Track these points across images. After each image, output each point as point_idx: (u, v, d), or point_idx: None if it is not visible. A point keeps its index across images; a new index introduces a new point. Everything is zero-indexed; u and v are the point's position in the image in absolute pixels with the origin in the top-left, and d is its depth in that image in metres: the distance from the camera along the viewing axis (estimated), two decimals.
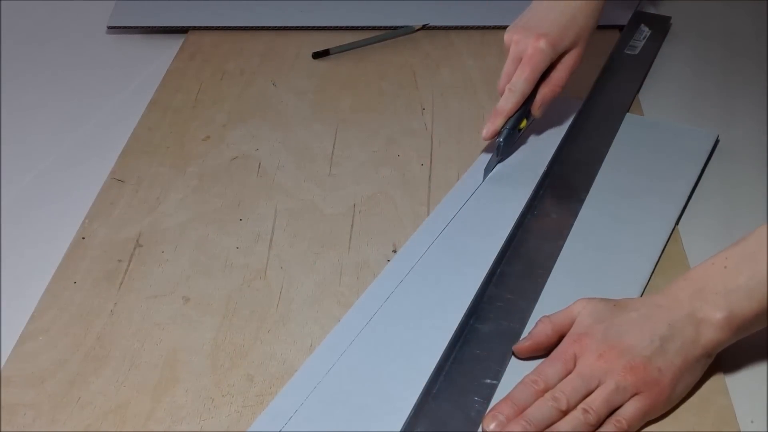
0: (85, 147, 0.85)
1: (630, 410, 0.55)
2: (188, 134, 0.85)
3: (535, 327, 0.60)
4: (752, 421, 0.57)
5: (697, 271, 0.59)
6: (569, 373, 0.56)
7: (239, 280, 0.68)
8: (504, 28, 0.79)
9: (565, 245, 0.69)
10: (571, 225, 0.71)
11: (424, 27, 1.02)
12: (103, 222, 0.74)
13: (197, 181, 0.79)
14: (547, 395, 0.55)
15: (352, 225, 0.74)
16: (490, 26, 1.02)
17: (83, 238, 0.72)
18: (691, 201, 0.75)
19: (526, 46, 0.76)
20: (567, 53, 0.78)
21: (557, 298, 0.63)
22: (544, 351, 0.59)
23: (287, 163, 0.81)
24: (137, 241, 0.72)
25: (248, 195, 0.77)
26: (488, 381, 0.58)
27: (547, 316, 0.60)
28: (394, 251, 0.70)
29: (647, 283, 0.66)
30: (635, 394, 0.55)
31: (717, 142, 0.81)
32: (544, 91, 0.78)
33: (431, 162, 0.81)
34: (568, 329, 0.59)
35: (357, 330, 0.63)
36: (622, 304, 0.59)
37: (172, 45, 1.00)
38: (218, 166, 0.81)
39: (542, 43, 0.75)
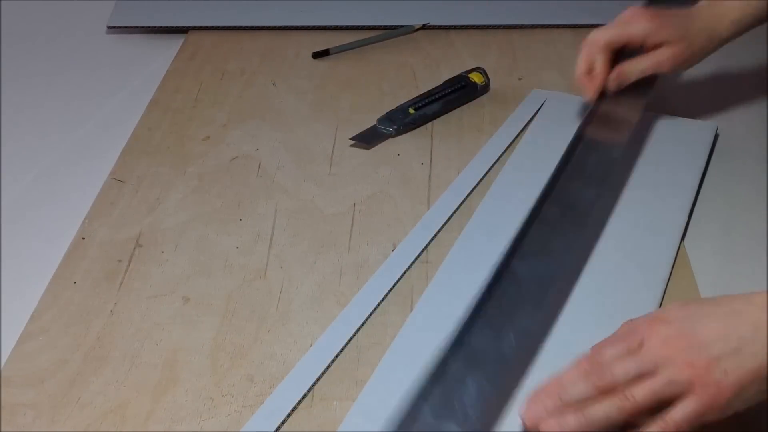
0: (85, 147, 0.85)
1: (680, 413, 0.50)
2: (188, 134, 0.85)
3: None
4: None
5: None
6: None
7: (239, 280, 0.68)
8: (504, 27, 0.78)
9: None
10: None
11: (424, 27, 1.02)
12: (103, 222, 0.74)
13: (197, 181, 0.79)
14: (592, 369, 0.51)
15: (352, 225, 0.73)
16: (490, 26, 1.02)
17: (83, 238, 0.72)
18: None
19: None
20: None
21: (564, 298, 0.63)
22: None
23: (287, 163, 0.81)
24: (137, 241, 0.72)
25: (248, 195, 0.77)
26: None
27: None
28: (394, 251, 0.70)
29: (666, 285, 0.65)
30: (689, 393, 0.50)
31: (716, 135, 0.81)
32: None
33: (431, 161, 0.80)
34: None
35: (352, 328, 0.62)
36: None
37: (172, 45, 1.00)
38: (218, 166, 0.81)
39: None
